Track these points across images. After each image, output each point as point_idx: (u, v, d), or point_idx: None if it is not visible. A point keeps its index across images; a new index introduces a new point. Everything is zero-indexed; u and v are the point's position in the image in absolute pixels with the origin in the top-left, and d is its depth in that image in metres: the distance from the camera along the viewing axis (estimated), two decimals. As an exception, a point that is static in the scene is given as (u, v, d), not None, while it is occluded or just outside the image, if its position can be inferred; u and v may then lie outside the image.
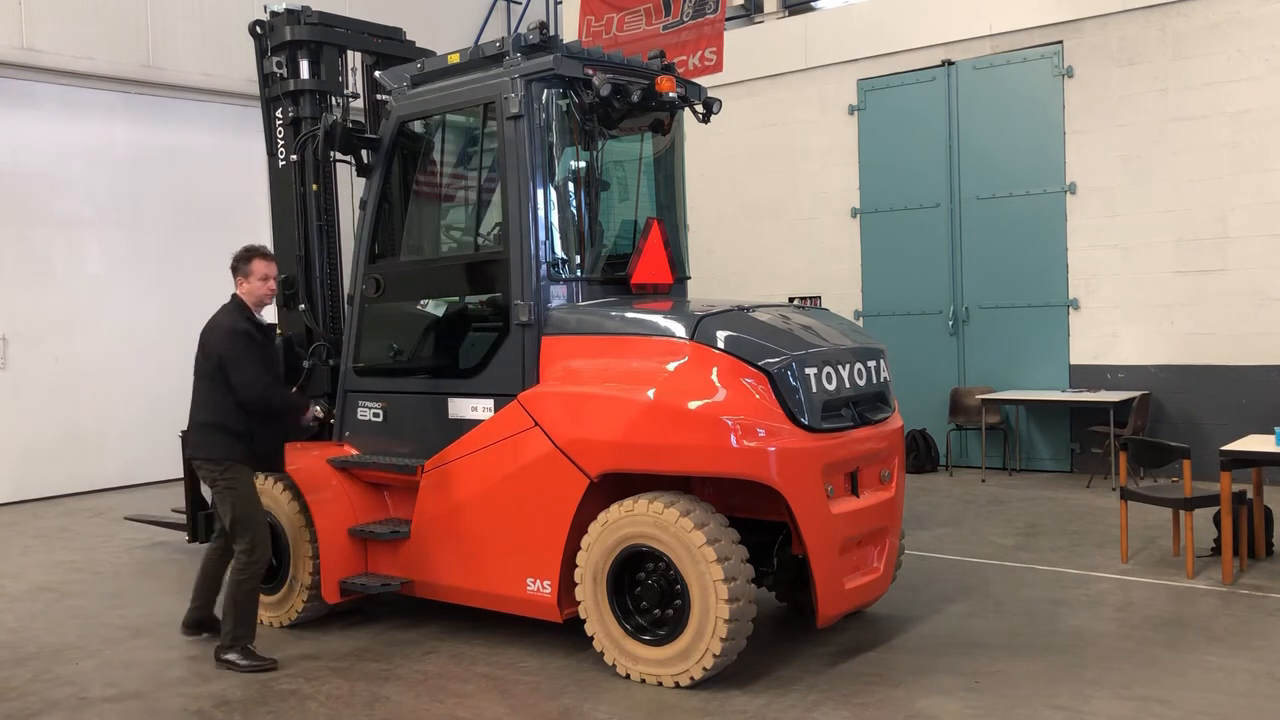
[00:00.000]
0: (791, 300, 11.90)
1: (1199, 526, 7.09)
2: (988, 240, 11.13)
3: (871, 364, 5.62)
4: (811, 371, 5.15)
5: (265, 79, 7.00)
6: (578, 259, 5.86)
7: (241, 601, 5.46)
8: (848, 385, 5.37)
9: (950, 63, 11.30)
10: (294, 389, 6.54)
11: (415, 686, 5.17)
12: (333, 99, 6.91)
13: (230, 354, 5.47)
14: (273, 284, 5.69)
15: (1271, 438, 6.96)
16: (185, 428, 7.52)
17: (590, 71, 5.74)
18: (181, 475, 7.75)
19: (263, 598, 6.22)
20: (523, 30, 5.86)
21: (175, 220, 12.15)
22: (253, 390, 5.46)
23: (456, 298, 6.22)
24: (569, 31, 13.43)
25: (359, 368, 6.40)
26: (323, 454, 6.34)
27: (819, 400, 5.14)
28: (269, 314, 5.97)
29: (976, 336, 11.28)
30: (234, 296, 5.66)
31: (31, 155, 11.14)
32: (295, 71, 6.84)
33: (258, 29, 6.97)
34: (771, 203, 12.67)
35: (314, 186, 6.86)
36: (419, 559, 5.91)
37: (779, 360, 5.06)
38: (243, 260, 5.62)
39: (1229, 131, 9.80)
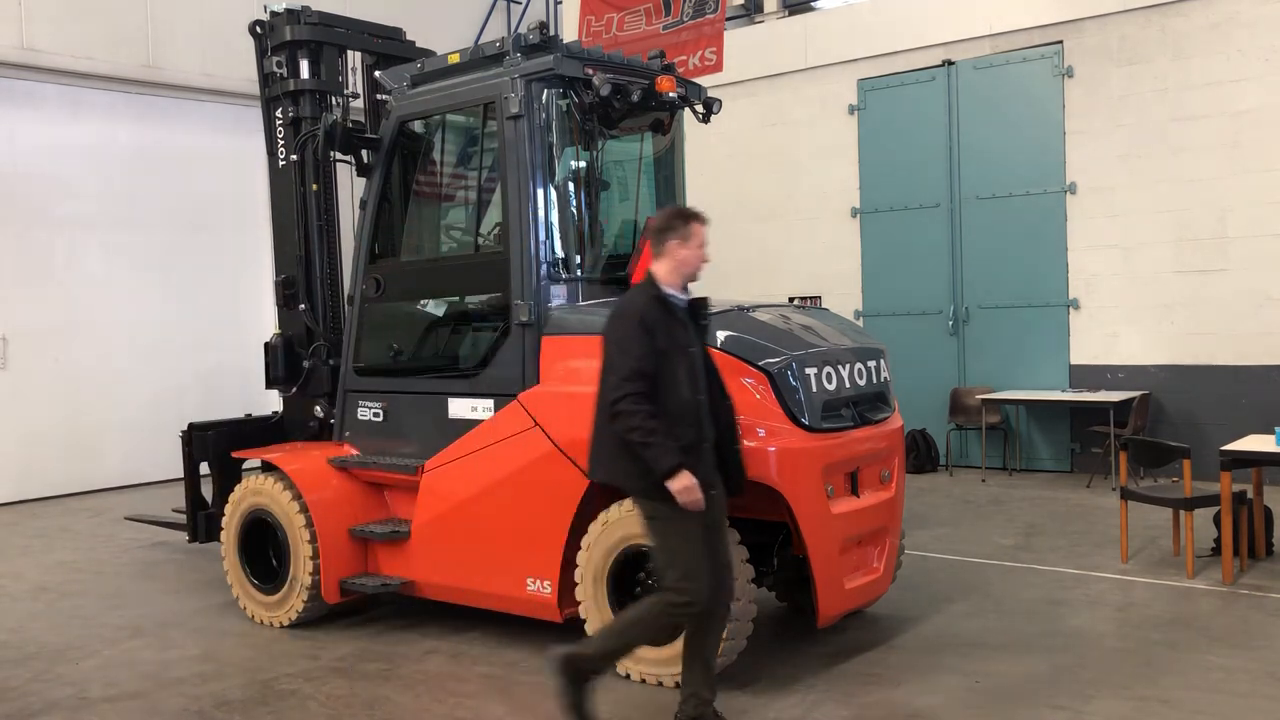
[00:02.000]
0: (791, 300, 11.90)
1: (1199, 526, 7.09)
2: (988, 240, 11.13)
3: (871, 364, 5.62)
4: (811, 371, 5.15)
5: (265, 79, 7.00)
6: (578, 259, 5.86)
7: (637, 628, 4.36)
8: (848, 385, 5.37)
9: (950, 63, 11.29)
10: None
11: (415, 687, 5.17)
12: (333, 99, 6.91)
13: (610, 339, 4.22)
14: (705, 253, 4.37)
15: (1271, 438, 6.96)
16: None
17: (590, 71, 5.73)
18: (182, 475, 7.72)
19: (263, 598, 6.25)
20: (523, 30, 5.85)
21: (175, 220, 12.14)
22: (606, 399, 4.18)
23: (456, 298, 6.23)
24: (569, 31, 13.42)
25: (359, 368, 6.41)
26: (323, 454, 6.35)
27: (819, 400, 5.14)
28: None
29: (976, 336, 11.27)
30: (647, 273, 4.35)
31: (31, 155, 11.14)
32: (295, 71, 6.85)
33: (258, 29, 6.98)
34: (771, 203, 12.67)
35: (314, 186, 6.87)
36: (419, 559, 5.90)
37: (779, 360, 5.06)
38: (680, 221, 4.30)
39: (1229, 131, 9.80)
